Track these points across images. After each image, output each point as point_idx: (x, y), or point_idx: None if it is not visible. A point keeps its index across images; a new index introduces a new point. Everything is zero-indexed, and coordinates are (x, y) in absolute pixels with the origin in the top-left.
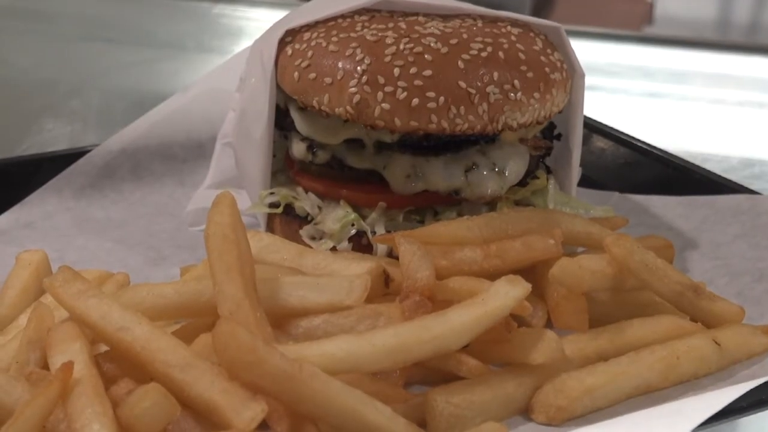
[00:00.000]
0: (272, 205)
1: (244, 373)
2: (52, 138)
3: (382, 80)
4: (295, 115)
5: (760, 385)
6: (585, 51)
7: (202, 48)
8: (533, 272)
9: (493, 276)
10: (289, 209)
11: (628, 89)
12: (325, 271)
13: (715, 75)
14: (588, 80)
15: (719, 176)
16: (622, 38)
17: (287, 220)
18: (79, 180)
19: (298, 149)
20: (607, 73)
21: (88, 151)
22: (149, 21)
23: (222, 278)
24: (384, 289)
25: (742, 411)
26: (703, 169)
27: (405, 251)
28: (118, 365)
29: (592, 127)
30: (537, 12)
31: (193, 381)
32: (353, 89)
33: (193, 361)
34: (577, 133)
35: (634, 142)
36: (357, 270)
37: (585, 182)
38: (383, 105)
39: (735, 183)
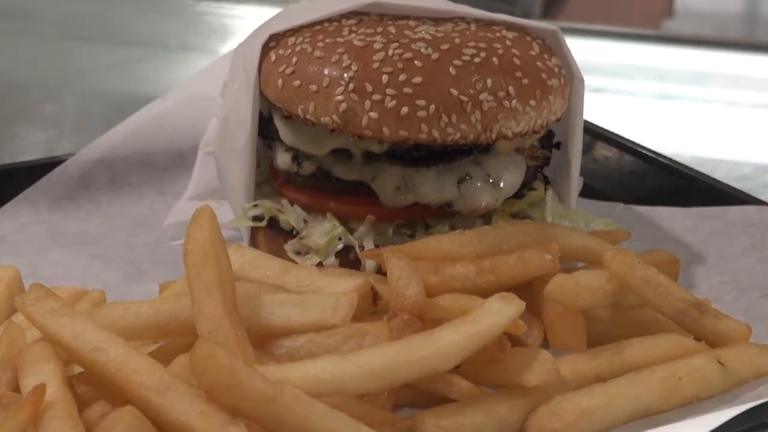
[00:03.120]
0: (256, 218)
1: (223, 396)
2: (26, 145)
3: (369, 88)
4: (279, 123)
5: (764, 407)
6: (592, 51)
7: (185, 47)
8: (529, 289)
9: (486, 293)
10: (273, 222)
11: (638, 91)
12: (309, 288)
13: (730, 76)
14: (595, 81)
15: (729, 186)
16: (631, 37)
17: (272, 234)
18: (54, 191)
19: (282, 159)
20: (615, 75)
21: (64, 161)
22: (129, 18)
23: (201, 296)
24: (372, 307)
25: None
26: (712, 178)
27: (393, 267)
28: (92, 387)
29: (596, 134)
30: (548, 6)
31: (170, 404)
32: (339, 97)
33: (170, 383)
34: (577, 142)
35: (640, 150)
36: (343, 287)
37: (587, 193)
38: (371, 114)
39: (745, 193)
